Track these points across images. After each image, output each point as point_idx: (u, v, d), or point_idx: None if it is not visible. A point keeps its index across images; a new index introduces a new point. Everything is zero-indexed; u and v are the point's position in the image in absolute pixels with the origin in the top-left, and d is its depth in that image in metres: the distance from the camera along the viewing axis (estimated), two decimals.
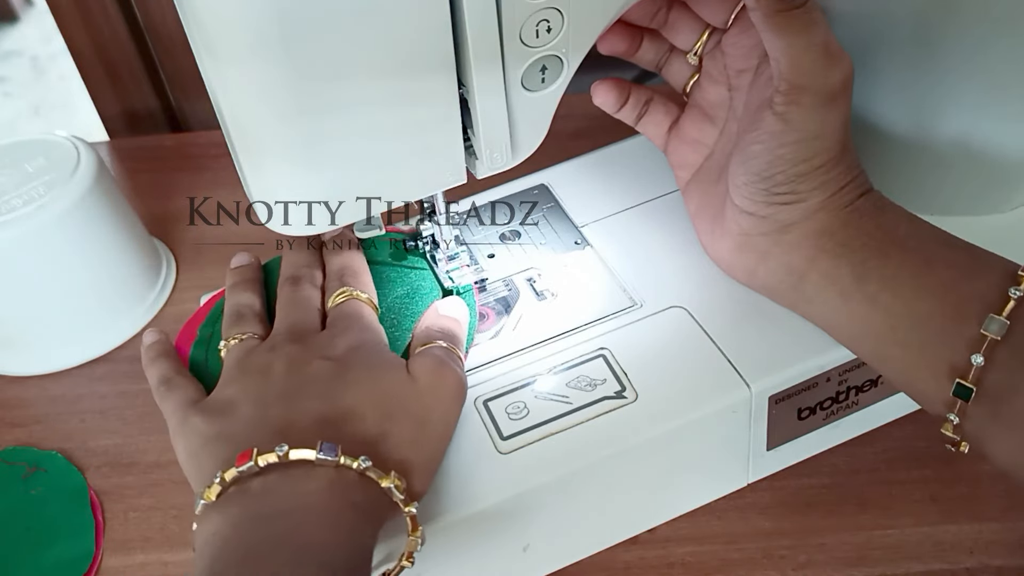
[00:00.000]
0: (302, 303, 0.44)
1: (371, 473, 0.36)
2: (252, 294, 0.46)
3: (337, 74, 0.35)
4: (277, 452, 0.35)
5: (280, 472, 0.36)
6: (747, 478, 0.46)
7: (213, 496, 0.36)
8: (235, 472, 0.35)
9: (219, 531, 0.35)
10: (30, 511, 0.50)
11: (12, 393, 0.57)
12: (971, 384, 0.36)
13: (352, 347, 0.41)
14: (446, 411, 0.41)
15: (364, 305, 0.44)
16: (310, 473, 0.36)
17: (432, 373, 0.41)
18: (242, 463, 0.35)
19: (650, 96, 0.48)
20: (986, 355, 0.35)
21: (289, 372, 0.40)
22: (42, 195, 0.54)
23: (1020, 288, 0.35)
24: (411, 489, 0.38)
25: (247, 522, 0.35)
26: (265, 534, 0.34)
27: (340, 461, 0.35)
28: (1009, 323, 0.35)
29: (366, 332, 0.42)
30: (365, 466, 0.36)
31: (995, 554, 0.45)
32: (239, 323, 0.44)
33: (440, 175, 0.41)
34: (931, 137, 0.47)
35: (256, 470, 0.36)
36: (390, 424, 0.38)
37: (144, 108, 0.79)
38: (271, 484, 0.36)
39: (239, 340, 0.43)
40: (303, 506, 0.35)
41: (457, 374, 0.42)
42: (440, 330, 0.44)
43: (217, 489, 0.36)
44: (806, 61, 0.38)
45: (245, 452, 0.36)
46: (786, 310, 0.44)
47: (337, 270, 0.46)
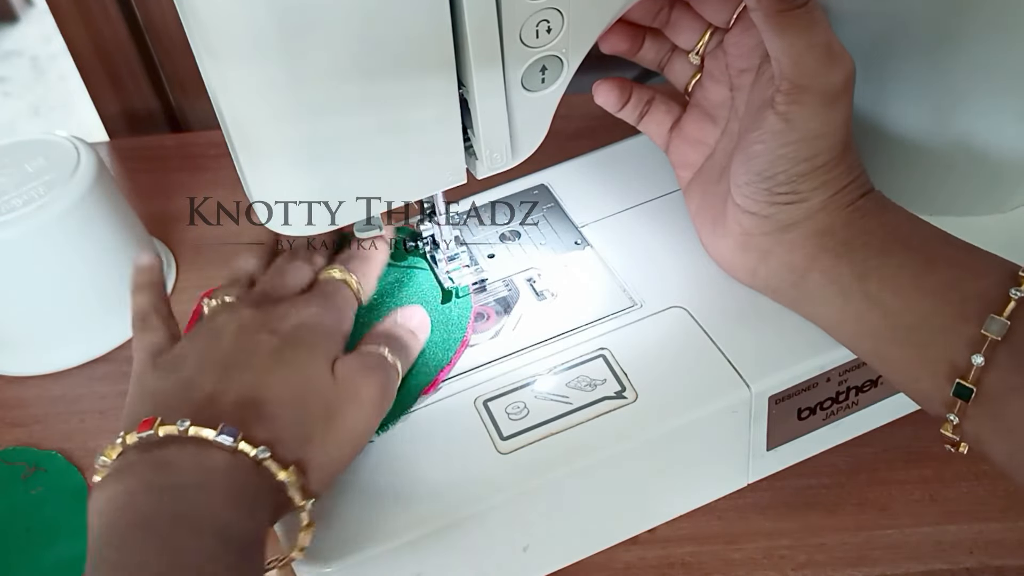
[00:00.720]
0: (286, 271, 0.44)
1: (268, 464, 0.36)
2: (256, 261, 0.46)
3: (337, 74, 0.35)
4: (178, 427, 0.35)
5: (179, 445, 0.35)
6: (747, 478, 0.46)
7: (113, 456, 0.36)
8: (136, 438, 0.35)
9: (114, 498, 0.34)
10: (30, 511, 0.50)
11: (12, 393, 0.57)
12: (971, 384, 0.36)
13: (301, 324, 0.41)
14: (359, 416, 0.40)
15: (344, 288, 0.44)
16: (206, 451, 0.35)
17: (353, 376, 0.40)
18: (143, 430, 0.35)
19: (652, 95, 0.48)
20: (986, 355, 0.35)
21: (236, 339, 0.40)
22: (42, 195, 0.54)
23: (1021, 289, 0.35)
24: (307, 487, 0.37)
25: (144, 492, 0.34)
26: (162, 505, 0.34)
27: (238, 447, 0.35)
28: (1010, 323, 0.35)
29: (327, 313, 0.42)
30: (263, 457, 0.36)
31: (995, 554, 0.45)
32: (230, 285, 0.44)
33: (440, 175, 0.41)
34: (932, 137, 0.47)
35: (156, 440, 0.35)
36: (300, 420, 0.38)
37: (144, 108, 0.79)
38: (171, 456, 0.35)
39: (221, 300, 0.43)
40: (199, 482, 0.35)
41: (380, 382, 0.41)
42: (388, 336, 0.43)
43: (119, 450, 0.36)
44: (807, 61, 0.38)
45: (148, 420, 0.35)
46: (787, 310, 0.44)
47: (350, 255, 0.46)
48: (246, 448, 0.35)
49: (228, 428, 0.35)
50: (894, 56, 0.45)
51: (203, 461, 0.35)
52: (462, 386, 0.44)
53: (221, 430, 0.35)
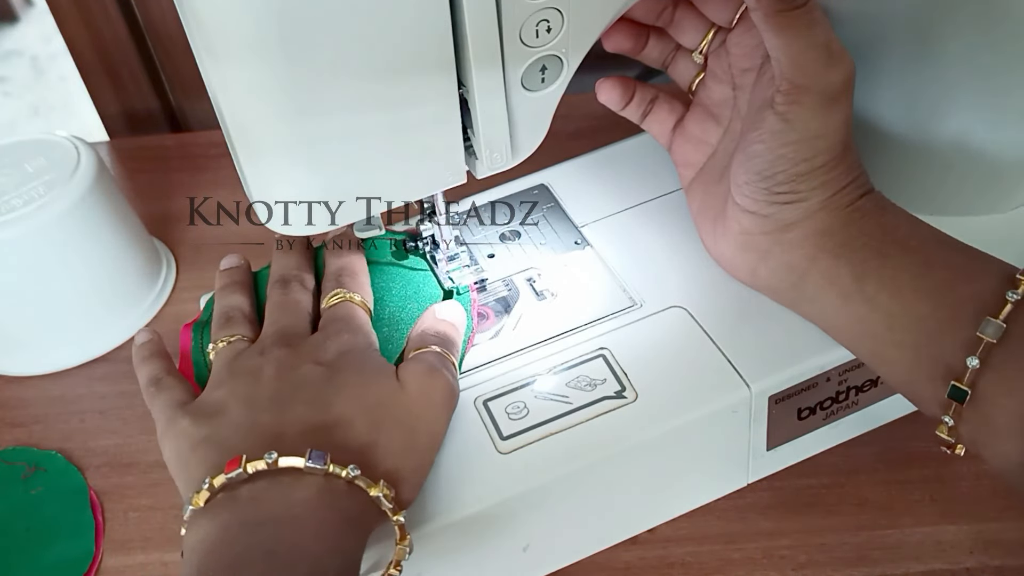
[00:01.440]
0: (291, 306, 0.44)
1: (360, 482, 0.36)
2: (242, 296, 0.46)
3: (337, 74, 0.35)
4: (266, 459, 0.35)
5: (269, 479, 0.36)
6: (747, 478, 0.46)
7: (201, 502, 0.35)
8: (224, 479, 0.35)
9: (207, 537, 0.35)
10: (30, 511, 0.50)
11: (12, 393, 0.57)
12: (966, 387, 0.36)
13: (342, 352, 0.41)
14: (435, 419, 0.40)
15: (357, 308, 0.44)
16: (299, 481, 0.35)
17: (422, 380, 0.40)
18: (231, 470, 0.35)
19: (655, 94, 0.48)
20: (982, 358, 0.35)
21: (279, 376, 0.39)
22: (42, 195, 0.54)
23: (1017, 291, 0.35)
24: (399, 497, 0.37)
25: (235, 528, 0.34)
26: (253, 541, 0.34)
27: (329, 470, 0.35)
28: (1006, 326, 0.35)
29: (357, 335, 0.42)
30: (354, 475, 0.36)
31: (995, 554, 0.45)
32: (228, 325, 0.44)
33: (440, 175, 0.41)
34: (930, 137, 0.47)
35: (245, 477, 0.35)
36: (379, 433, 0.38)
37: (144, 108, 0.79)
38: (260, 491, 0.35)
39: (227, 342, 0.43)
40: (292, 514, 0.35)
41: (448, 381, 0.41)
42: (435, 334, 0.43)
43: (206, 495, 0.35)
44: (807, 61, 0.38)
45: (234, 459, 0.35)
46: (786, 310, 0.44)
47: (335, 271, 0.46)
48: (337, 470, 0.35)
49: (315, 453, 0.35)
50: (890, 56, 0.45)
51: (293, 493, 0.35)
52: (462, 386, 0.44)
53: (309, 456, 0.35)
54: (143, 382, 0.43)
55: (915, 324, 0.38)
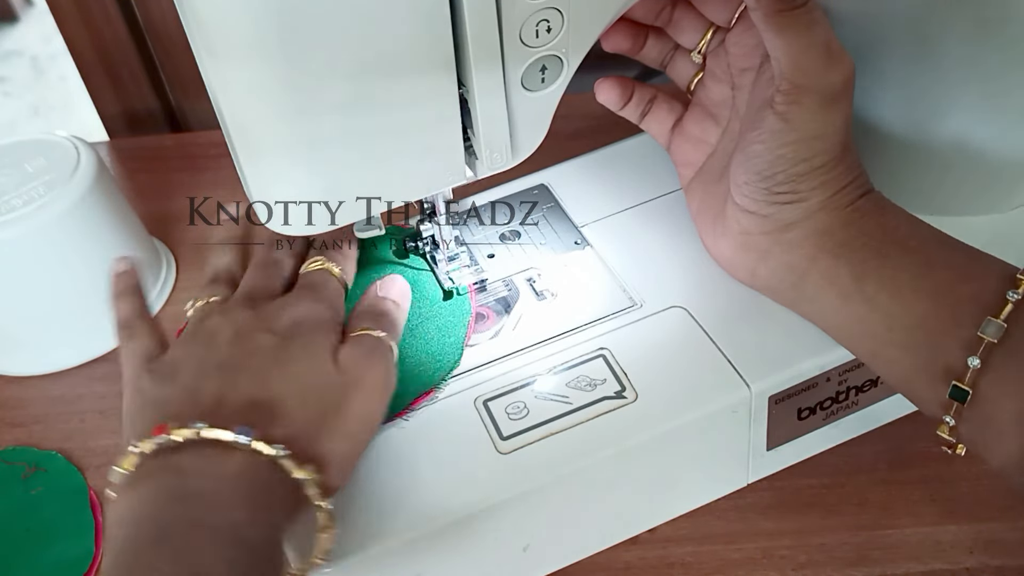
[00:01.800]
0: (270, 266, 0.44)
1: (285, 463, 0.36)
2: (232, 257, 0.46)
3: (337, 74, 0.35)
4: (194, 428, 0.35)
5: (196, 450, 0.35)
6: (747, 478, 0.46)
7: (129, 466, 0.35)
8: (152, 444, 0.35)
9: (132, 508, 0.34)
10: (30, 511, 0.50)
11: (12, 393, 0.57)
12: (967, 387, 0.36)
13: (298, 321, 0.41)
14: (368, 404, 0.40)
15: (331, 278, 0.44)
16: (226, 454, 0.35)
17: (356, 364, 0.40)
18: (158, 434, 0.35)
19: (654, 94, 0.48)
20: (983, 358, 0.35)
21: (232, 341, 0.40)
22: (42, 195, 0.54)
23: (1018, 291, 0.35)
24: (327, 483, 0.37)
25: (161, 500, 0.34)
26: (179, 513, 0.34)
27: (253, 447, 0.35)
28: (1006, 326, 0.35)
29: (320, 304, 0.42)
30: (281, 455, 0.36)
31: (995, 554, 0.45)
32: (212, 285, 0.44)
33: (440, 175, 0.41)
34: (930, 137, 0.47)
35: (173, 445, 0.35)
36: (311, 416, 0.38)
37: (144, 108, 0.79)
38: (187, 462, 0.35)
39: (205, 301, 0.43)
40: (219, 487, 0.35)
41: (383, 365, 0.41)
42: (376, 313, 0.43)
43: (134, 460, 0.35)
44: (807, 61, 0.38)
45: (161, 426, 0.35)
46: (786, 310, 0.44)
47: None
48: (262, 447, 0.35)
49: (243, 428, 0.35)
50: (890, 56, 0.45)
51: (218, 465, 0.35)
52: (462, 386, 0.44)
53: (237, 431, 0.35)
54: (115, 321, 0.43)
55: (915, 324, 0.38)
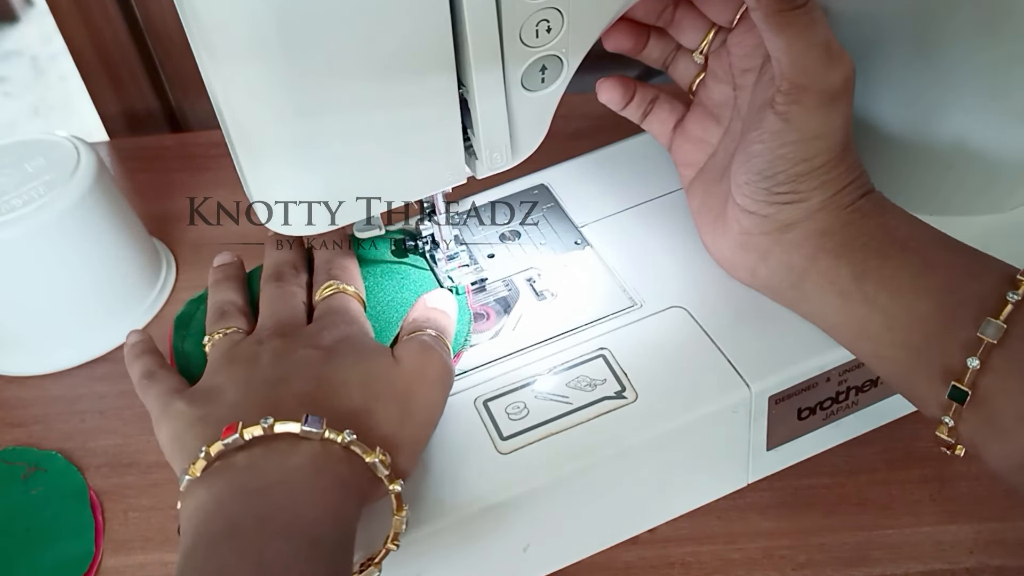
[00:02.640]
0: (287, 298, 0.44)
1: (356, 447, 0.36)
2: (235, 291, 0.46)
3: (337, 74, 0.35)
4: (262, 424, 0.35)
5: (265, 446, 0.36)
6: (747, 478, 0.46)
7: (198, 471, 0.35)
8: (220, 446, 0.35)
9: (203, 505, 0.35)
10: (30, 511, 0.50)
11: (12, 393, 0.57)
12: (966, 387, 0.36)
13: (339, 338, 0.41)
14: (430, 393, 0.41)
15: (351, 299, 0.44)
16: (295, 447, 0.36)
17: (416, 357, 0.41)
18: (227, 436, 0.35)
19: (656, 94, 0.48)
20: (982, 358, 0.35)
21: (276, 361, 0.40)
22: (42, 195, 0.54)
23: (1018, 292, 0.35)
24: (396, 467, 0.38)
25: (232, 496, 0.35)
26: (250, 509, 0.34)
27: (325, 434, 0.35)
28: (1006, 327, 0.35)
29: (352, 325, 0.42)
30: (350, 439, 0.36)
31: (995, 554, 0.45)
32: (223, 319, 0.44)
33: (440, 175, 0.41)
34: (930, 137, 0.47)
35: (241, 443, 0.36)
36: (375, 402, 0.38)
37: (144, 108, 0.79)
38: (255, 458, 0.36)
39: (223, 334, 0.43)
40: (289, 480, 0.35)
41: (442, 358, 0.41)
42: (427, 320, 0.44)
43: (202, 464, 0.35)
44: (807, 61, 0.38)
45: (231, 426, 0.36)
46: (786, 310, 0.44)
47: (325, 264, 0.46)
48: (332, 435, 0.35)
49: (312, 417, 0.36)
50: (890, 56, 0.45)
51: (288, 459, 0.35)
52: (462, 386, 0.44)
53: (305, 420, 0.35)
54: (136, 377, 0.43)
55: (915, 324, 0.38)
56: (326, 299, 0.44)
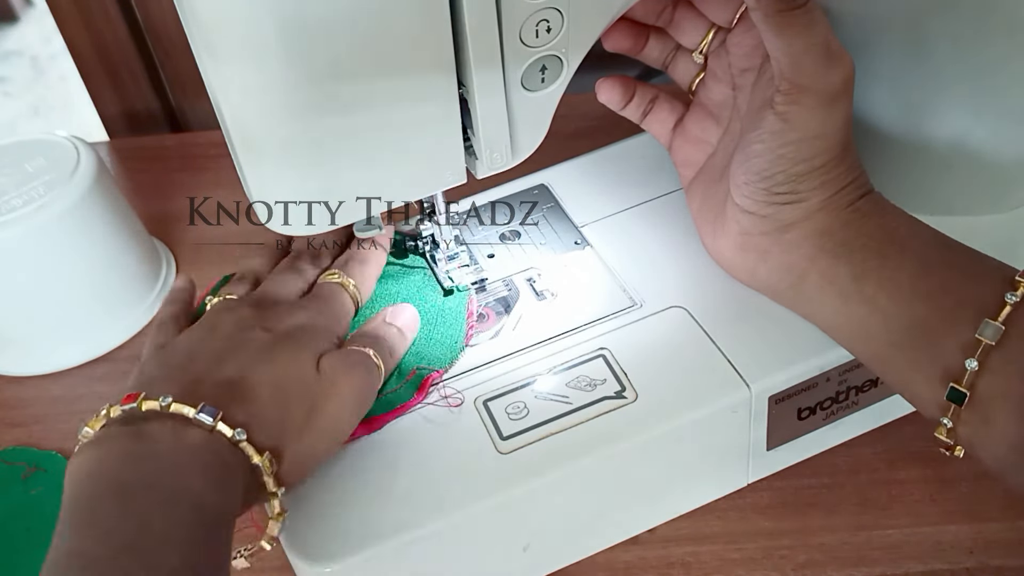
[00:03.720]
0: (288, 274, 0.45)
1: (244, 447, 0.36)
2: (264, 260, 0.47)
3: (337, 74, 0.35)
4: (160, 402, 0.36)
5: (161, 421, 0.36)
6: (747, 478, 0.46)
7: (96, 426, 0.36)
8: (119, 410, 0.36)
9: (90, 465, 0.35)
10: (30, 511, 0.50)
11: (12, 393, 0.57)
12: (964, 389, 0.36)
13: (296, 326, 0.42)
14: (337, 410, 0.40)
15: (342, 292, 0.45)
16: (188, 428, 0.36)
17: (336, 371, 0.41)
18: (126, 403, 0.36)
19: (655, 94, 0.48)
20: (980, 360, 0.35)
21: (229, 335, 0.41)
22: (42, 195, 0.54)
23: (1017, 293, 0.35)
24: (280, 475, 0.38)
25: (119, 459, 0.35)
26: (136, 472, 0.34)
27: (215, 427, 0.36)
28: (1004, 328, 0.35)
29: (320, 316, 0.43)
30: (239, 439, 0.36)
31: (995, 554, 0.45)
32: (236, 283, 0.46)
33: (440, 175, 0.41)
34: (930, 137, 0.47)
35: (139, 415, 0.36)
36: (279, 408, 0.39)
37: (144, 108, 0.79)
38: (151, 429, 0.36)
39: (223, 298, 0.44)
40: (175, 452, 0.35)
41: (364, 378, 0.41)
42: (374, 336, 0.44)
43: (101, 422, 0.36)
44: (806, 61, 0.38)
45: (131, 394, 0.36)
46: (786, 310, 0.44)
47: (347, 256, 0.47)
48: (223, 429, 0.36)
49: (208, 408, 0.36)
50: (889, 56, 0.45)
51: (181, 437, 0.36)
52: (462, 386, 0.44)
53: (201, 409, 0.36)
54: (155, 321, 0.45)
55: (914, 325, 0.38)
56: (321, 283, 0.45)
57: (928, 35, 0.44)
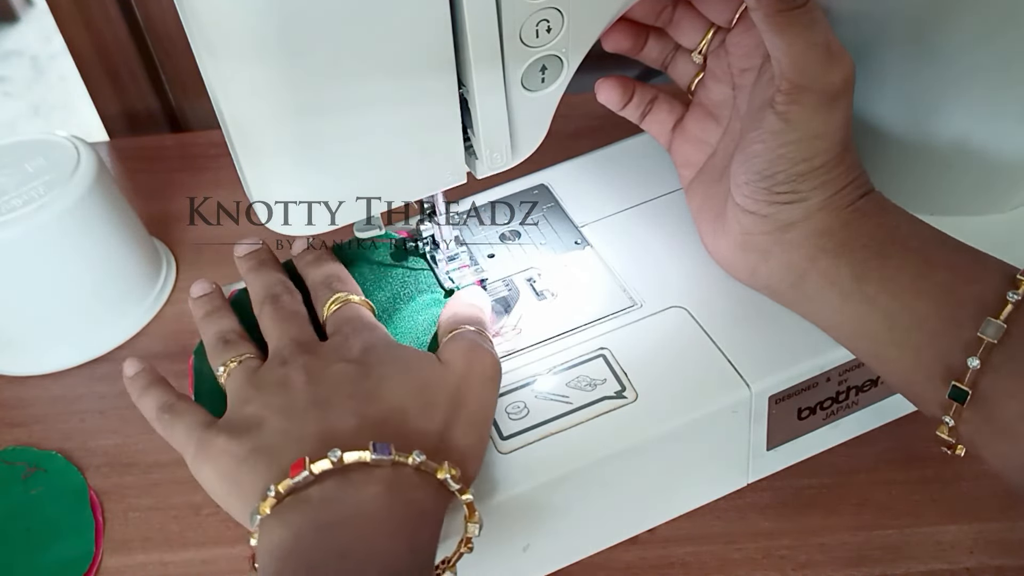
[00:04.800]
0: (291, 317, 0.43)
1: (426, 467, 0.35)
2: (229, 319, 0.44)
3: (337, 74, 0.35)
4: (331, 458, 0.34)
5: (335, 479, 0.35)
6: (747, 478, 0.46)
7: (268, 509, 0.35)
8: (290, 483, 0.34)
9: (282, 543, 0.34)
10: (30, 511, 0.50)
11: (12, 393, 0.57)
12: (967, 387, 0.36)
13: (367, 347, 0.40)
14: (483, 392, 0.40)
15: (360, 307, 0.44)
16: (367, 476, 0.35)
17: (465, 357, 0.40)
18: (296, 473, 0.34)
19: (655, 95, 0.48)
20: (982, 358, 0.35)
21: (310, 381, 0.39)
22: (42, 195, 0.54)
23: (1018, 292, 0.35)
24: (465, 475, 0.37)
25: (309, 532, 0.34)
26: (328, 545, 0.33)
27: (395, 459, 0.35)
28: (1006, 327, 0.35)
29: (374, 331, 0.42)
30: (420, 460, 0.35)
31: (995, 554, 0.45)
32: (230, 347, 0.42)
33: (440, 175, 0.41)
34: (930, 137, 0.47)
35: (311, 479, 0.35)
36: (433, 413, 0.38)
37: (144, 108, 0.79)
38: (329, 491, 0.35)
39: (238, 362, 0.41)
40: (363, 512, 0.34)
41: (491, 354, 0.41)
42: (466, 316, 0.43)
43: (272, 502, 0.35)
44: (807, 61, 0.38)
45: (298, 462, 0.35)
46: (786, 310, 0.44)
47: (322, 279, 0.45)
48: (403, 458, 0.35)
49: (380, 444, 0.35)
50: (890, 55, 0.45)
51: (362, 490, 0.35)
52: None
53: (374, 448, 0.35)
54: (152, 412, 0.41)
55: (915, 324, 0.38)
56: (335, 312, 0.43)
57: (933, 35, 0.44)
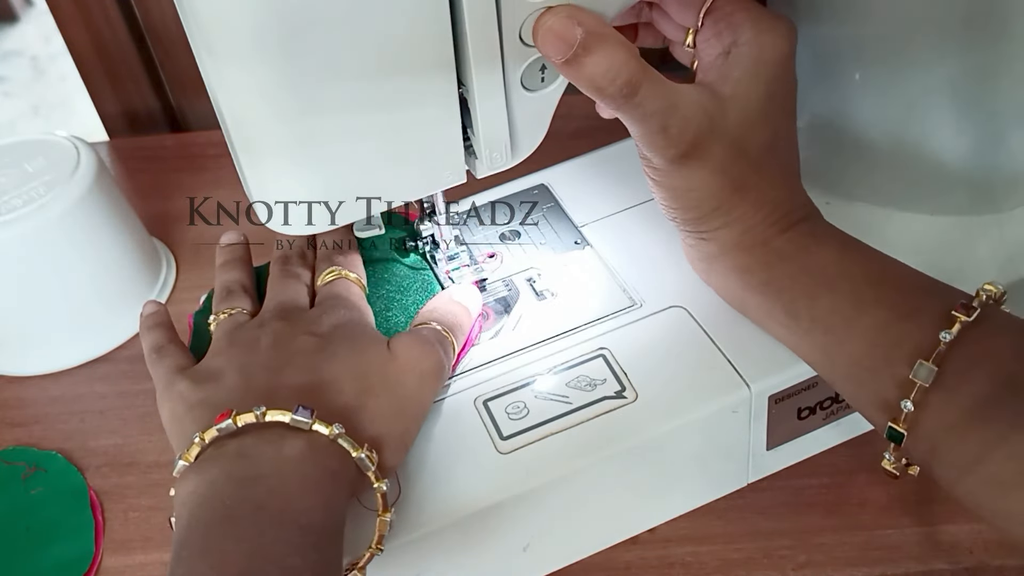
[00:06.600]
0: (291, 281, 0.45)
1: (343, 441, 0.36)
2: (241, 272, 0.47)
3: (337, 74, 0.35)
4: (255, 412, 0.36)
5: (256, 435, 0.36)
6: (747, 478, 0.46)
7: (192, 456, 0.36)
8: (214, 431, 0.36)
9: (197, 490, 0.35)
10: (30, 511, 0.50)
11: (12, 393, 0.57)
12: (902, 429, 0.35)
13: (337, 324, 0.42)
14: (418, 387, 0.41)
15: (352, 284, 0.45)
16: (285, 437, 0.36)
17: (411, 351, 0.41)
18: (220, 421, 0.36)
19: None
20: (917, 401, 0.35)
21: (275, 346, 0.40)
22: (42, 195, 0.54)
23: (951, 331, 0.35)
24: (382, 463, 0.38)
25: (226, 483, 0.35)
26: (244, 496, 0.34)
27: (313, 426, 0.36)
28: (938, 369, 0.34)
29: (352, 311, 0.43)
30: (338, 433, 0.36)
31: (995, 554, 0.45)
32: (229, 298, 0.45)
33: (440, 175, 0.41)
34: (929, 138, 0.47)
35: (234, 430, 0.36)
36: (366, 397, 0.39)
37: (144, 108, 0.79)
38: (248, 447, 0.36)
39: (228, 314, 0.44)
40: (281, 470, 0.35)
41: (437, 355, 0.42)
42: (442, 314, 0.44)
43: (196, 450, 0.36)
44: (645, 141, 0.39)
45: (224, 412, 0.36)
46: None
47: (328, 253, 0.47)
48: (321, 428, 0.36)
49: (302, 409, 0.36)
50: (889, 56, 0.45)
51: (280, 449, 0.36)
52: (462, 386, 0.44)
53: (296, 411, 0.36)
54: (146, 349, 0.44)
55: (851, 362, 0.38)
56: (328, 284, 0.45)
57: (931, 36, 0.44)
